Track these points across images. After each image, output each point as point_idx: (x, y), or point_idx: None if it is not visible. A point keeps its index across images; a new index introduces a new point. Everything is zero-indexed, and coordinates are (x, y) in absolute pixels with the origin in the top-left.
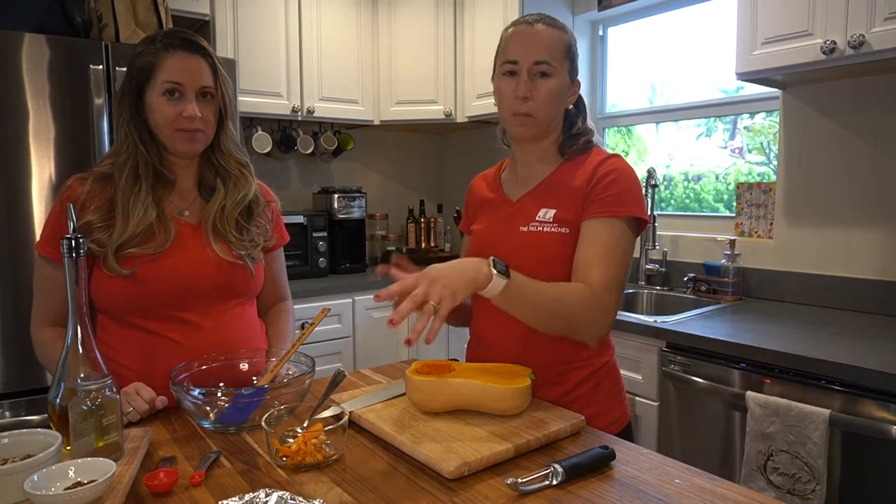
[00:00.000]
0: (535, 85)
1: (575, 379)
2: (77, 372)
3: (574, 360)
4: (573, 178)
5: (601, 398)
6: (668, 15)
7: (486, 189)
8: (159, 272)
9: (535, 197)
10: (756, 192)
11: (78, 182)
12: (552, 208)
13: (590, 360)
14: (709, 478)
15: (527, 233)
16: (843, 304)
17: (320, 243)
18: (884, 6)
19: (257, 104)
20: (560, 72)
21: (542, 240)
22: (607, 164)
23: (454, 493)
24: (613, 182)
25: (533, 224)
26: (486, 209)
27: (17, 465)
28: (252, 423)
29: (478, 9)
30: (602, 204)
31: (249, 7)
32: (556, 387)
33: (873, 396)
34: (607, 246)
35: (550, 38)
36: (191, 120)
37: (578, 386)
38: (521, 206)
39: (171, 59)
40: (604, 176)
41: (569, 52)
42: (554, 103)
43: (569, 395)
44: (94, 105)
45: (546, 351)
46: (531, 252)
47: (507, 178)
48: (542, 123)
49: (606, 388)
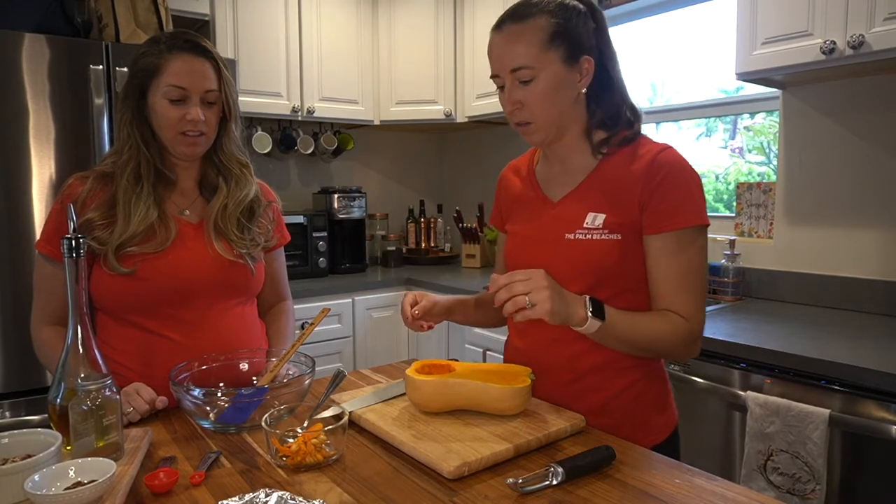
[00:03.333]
0: (522, 92)
1: (622, 382)
2: (77, 372)
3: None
4: (622, 175)
5: (650, 401)
6: (668, 15)
7: (520, 184)
8: (159, 270)
9: (579, 198)
10: (756, 192)
11: (79, 181)
12: (601, 213)
13: (639, 360)
14: (709, 478)
15: (574, 241)
16: (843, 304)
17: (320, 243)
18: (884, 6)
19: (257, 104)
20: (545, 66)
21: (593, 249)
22: (661, 162)
23: (454, 493)
24: (674, 186)
25: (580, 231)
26: (523, 208)
27: (17, 465)
28: (252, 423)
29: (478, 9)
30: (665, 216)
31: (249, 7)
32: (600, 392)
33: (873, 396)
34: (685, 268)
35: (521, 37)
36: (194, 124)
37: (626, 389)
38: (564, 209)
39: (176, 62)
40: (662, 180)
41: (555, 37)
42: (550, 103)
43: (619, 398)
44: (94, 105)
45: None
46: (580, 262)
47: (542, 172)
48: (548, 126)
49: (656, 389)
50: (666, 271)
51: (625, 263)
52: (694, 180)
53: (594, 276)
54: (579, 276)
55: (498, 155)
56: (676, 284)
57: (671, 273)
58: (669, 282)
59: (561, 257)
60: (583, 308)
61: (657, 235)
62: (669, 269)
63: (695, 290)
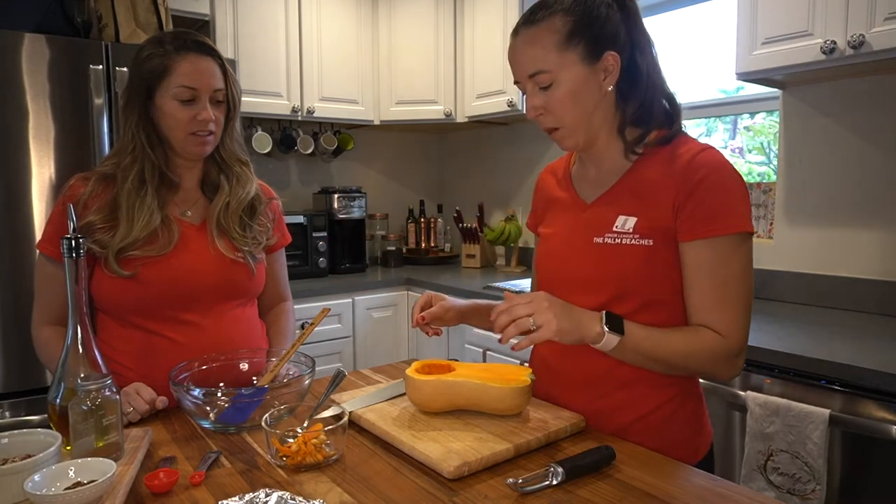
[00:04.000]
0: (544, 96)
1: (654, 401)
2: (77, 372)
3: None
4: (657, 176)
5: (684, 421)
6: (668, 15)
7: (555, 186)
8: (161, 274)
9: (611, 200)
10: (756, 192)
11: (80, 182)
12: (632, 216)
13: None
14: (709, 478)
15: (602, 245)
16: (843, 304)
17: (320, 243)
18: (884, 6)
19: (257, 104)
20: (564, 69)
21: (621, 254)
22: (700, 163)
23: (454, 493)
24: (713, 189)
25: (609, 235)
26: (556, 210)
27: (17, 465)
28: (252, 423)
29: (478, 9)
30: (702, 222)
31: (249, 7)
32: (628, 411)
33: (873, 396)
34: (723, 279)
35: (536, 40)
36: (205, 124)
37: (658, 409)
38: (595, 211)
39: (184, 62)
40: (700, 181)
41: (572, 37)
42: (574, 106)
43: (649, 417)
44: (94, 105)
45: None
46: (607, 268)
47: (577, 174)
48: (577, 129)
49: (691, 407)
50: (701, 283)
51: (656, 272)
52: (736, 183)
53: (621, 284)
54: (606, 283)
55: (498, 155)
56: (713, 297)
57: (707, 285)
58: (705, 294)
59: (588, 262)
60: (598, 323)
61: (693, 242)
62: (705, 281)
63: (734, 303)
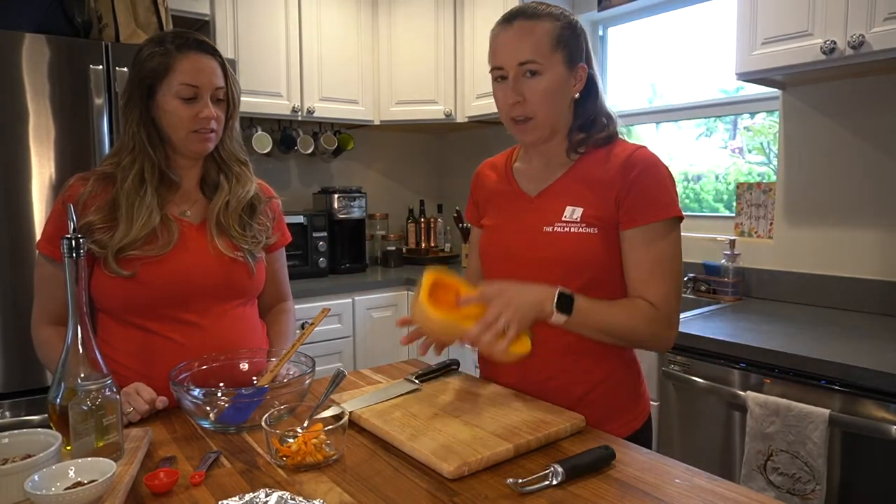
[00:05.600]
0: (527, 86)
1: (600, 373)
2: (77, 372)
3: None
4: (599, 171)
5: (626, 390)
6: (668, 15)
7: (496, 180)
8: (161, 273)
9: (557, 193)
10: (756, 192)
11: (80, 181)
12: (579, 206)
13: (611, 352)
14: (709, 478)
15: (552, 233)
16: (843, 304)
17: (320, 243)
18: (884, 6)
19: (257, 104)
20: (551, 65)
21: (571, 241)
22: (635, 161)
23: (454, 493)
24: (648, 183)
25: (559, 224)
26: (498, 203)
27: (17, 465)
28: (252, 423)
29: (478, 9)
30: (640, 211)
31: (249, 7)
32: (579, 386)
33: (873, 396)
34: (657, 258)
35: (532, 33)
36: (207, 121)
37: (604, 380)
38: (542, 203)
39: (185, 61)
40: (636, 177)
41: (560, 41)
42: (552, 101)
43: (597, 389)
44: (94, 105)
45: None
46: (558, 255)
47: (520, 170)
48: (545, 124)
49: (632, 378)
50: (638, 260)
51: (599, 255)
52: (666, 175)
53: (569, 267)
54: (555, 266)
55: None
56: (648, 273)
57: (643, 262)
58: (641, 270)
59: (538, 248)
60: (550, 303)
61: (631, 230)
62: (641, 259)
63: (666, 278)
